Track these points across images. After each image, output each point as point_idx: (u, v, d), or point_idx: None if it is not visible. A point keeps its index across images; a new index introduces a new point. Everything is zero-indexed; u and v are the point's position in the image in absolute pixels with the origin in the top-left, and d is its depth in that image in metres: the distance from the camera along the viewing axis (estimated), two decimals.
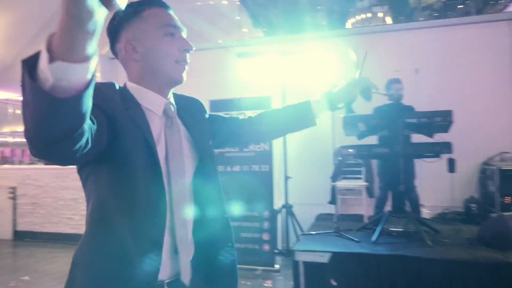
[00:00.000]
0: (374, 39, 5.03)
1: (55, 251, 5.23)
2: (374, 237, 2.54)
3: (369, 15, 13.54)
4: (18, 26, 6.05)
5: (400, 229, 2.77)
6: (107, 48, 1.02)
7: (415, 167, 3.92)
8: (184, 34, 0.99)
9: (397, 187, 2.75)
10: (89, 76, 0.58)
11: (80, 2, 0.48)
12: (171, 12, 0.99)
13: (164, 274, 0.92)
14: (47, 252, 5.16)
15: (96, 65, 0.59)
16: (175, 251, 0.94)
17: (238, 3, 5.05)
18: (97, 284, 0.88)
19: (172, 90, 1.03)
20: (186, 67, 0.98)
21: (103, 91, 0.87)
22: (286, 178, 4.43)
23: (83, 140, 0.68)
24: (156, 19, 0.95)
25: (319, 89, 1.26)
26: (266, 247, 4.13)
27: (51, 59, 0.53)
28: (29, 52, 0.57)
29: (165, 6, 0.99)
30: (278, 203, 4.39)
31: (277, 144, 4.35)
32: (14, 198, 6.06)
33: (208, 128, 1.12)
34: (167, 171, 0.93)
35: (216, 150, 1.17)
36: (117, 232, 0.87)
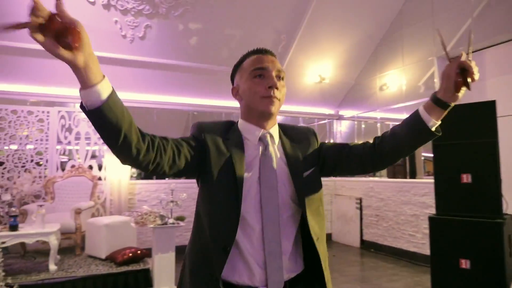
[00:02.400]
0: None
1: (397, 268, 5.05)
2: None
3: None
4: (357, 47, 6.49)
5: None
6: (446, 48, 1.08)
7: None
8: (274, 72, 1.14)
9: None
10: (102, 97, 0.80)
11: (61, 58, 0.75)
12: (266, 55, 1.17)
13: (251, 281, 1.07)
14: (389, 268, 5.07)
15: (108, 91, 0.81)
16: (264, 262, 1.07)
17: None
18: (190, 273, 1.12)
19: (270, 121, 1.18)
20: (275, 100, 1.12)
21: (206, 128, 1.14)
22: None
23: (136, 150, 0.90)
24: (249, 66, 1.16)
25: None
26: None
27: (80, 89, 0.82)
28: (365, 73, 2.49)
29: (259, 53, 1.18)
30: None
31: None
32: (360, 209, 6.45)
33: (313, 156, 1.21)
34: (259, 190, 1.09)
35: None
36: (204, 234, 1.09)
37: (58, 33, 0.73)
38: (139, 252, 4.17)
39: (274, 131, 1.19)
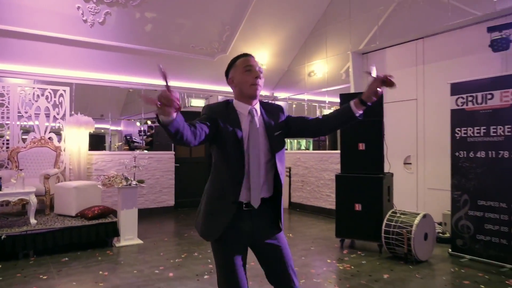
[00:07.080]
0: None
1: (315, 220, 6.38)
2: None
3: None
4: (290, 39, 7.57)
5: None
6: (360, 46, 1.76)
7: None
8: (258, 68, 1.68)
9: None
10: (171, 118, 1.25)
11: (160, 122, 1.25)
12: (251, 57, 1.72)
13: (244, 198, 1.64)
14: (309, 220, 6.37)
15: (174, 116, 1.25)
16: (249, 188, 1.64)
17: None
18: (209, 202, 1.71)
19: (255, 101, 1.71)
20: (259, 87, 1.66)
21: (214, 109, 1.67)
22: None
23: (187, 137, 1.40)
24: (241, 64, 1.70)
25: None
26: None
27: (157, 115, 1.26)
28: (296, 61, 4.46)
29: (247, 55, 1.73)
30: None
31: None
32: (289, 176, 7.68)
33: (281, 124, 1.77)
34: (248, 146, 1.66)
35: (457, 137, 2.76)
36: (221, 176, 1.69)
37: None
38: (106, 209, 4.94)
39: (257, 106, 1.73)
